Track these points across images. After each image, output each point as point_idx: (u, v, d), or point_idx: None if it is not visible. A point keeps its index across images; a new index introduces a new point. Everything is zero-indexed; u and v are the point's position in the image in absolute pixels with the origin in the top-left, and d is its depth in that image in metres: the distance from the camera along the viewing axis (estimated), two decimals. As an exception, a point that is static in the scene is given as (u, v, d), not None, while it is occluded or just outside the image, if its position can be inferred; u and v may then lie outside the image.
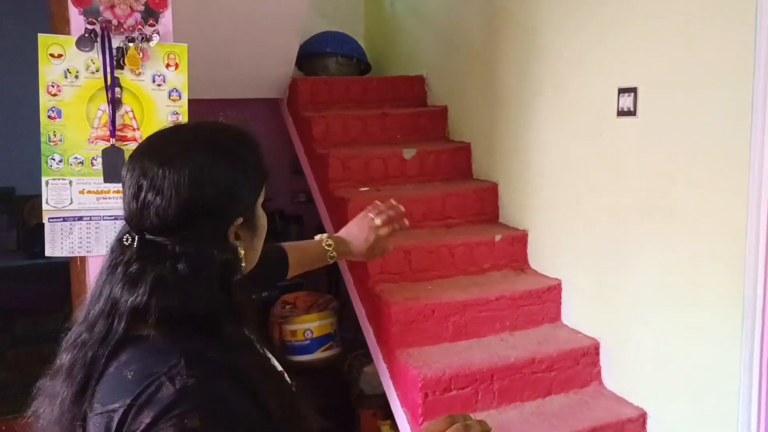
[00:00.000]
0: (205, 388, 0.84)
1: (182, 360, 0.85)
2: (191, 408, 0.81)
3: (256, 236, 1.02)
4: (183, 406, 0.81)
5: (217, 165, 0.94)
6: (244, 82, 3.87)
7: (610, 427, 2.52)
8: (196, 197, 0.91)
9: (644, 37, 2.50)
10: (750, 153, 2.09)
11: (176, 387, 0.82)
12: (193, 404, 0.81)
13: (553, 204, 3.08)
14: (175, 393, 0.82)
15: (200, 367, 0.85)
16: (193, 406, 0.81)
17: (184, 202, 0.90)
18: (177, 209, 0.90)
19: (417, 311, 2.76)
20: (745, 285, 2.14)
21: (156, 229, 0.91)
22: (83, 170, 1.87)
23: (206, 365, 0.86)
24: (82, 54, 1.85)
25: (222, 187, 0.93)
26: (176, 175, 0.90)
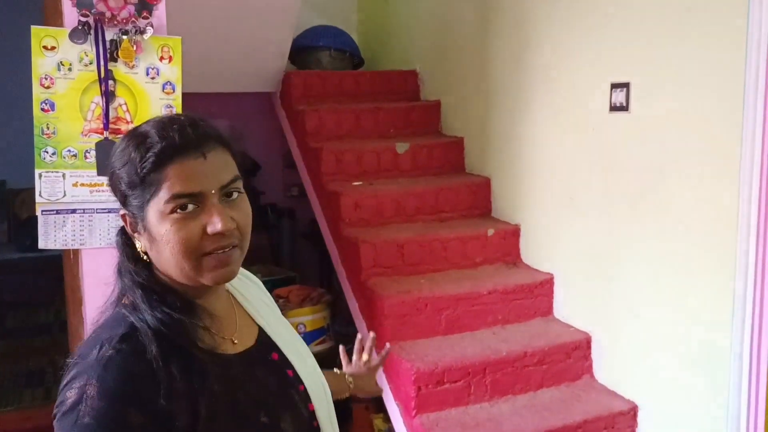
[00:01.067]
0: (118, 364, 0.87)
1: (123, 331, 0.91)
2: (96, 378, 0.86)
3: (154, 241, 0.94)
4: (91, 373, 0.86)
5: (115, 152, 0.98)
6: (237, 76, 3.86)
7: (601, 420, 2.54)
8: (107, 178, 1.00)
9: (637, 32, 2.52)
10: (741, 147, 2.11)
11: (98, 354, 0.88)
12: (98, 374, 0.86)
13: (545, 198, 3.10)
14: (94, 360, 0.88)
15: (132, 343, 0.90)
16: (98, 376, 0.86)
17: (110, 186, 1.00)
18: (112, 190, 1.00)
19: (410, 305, 2.78)
20: (735, 279, 2.17)
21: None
22: (77, 163, 1.86)
23: (138, 343, 0.90)
24: (75, 46, 1.84)
25: (111, 174, 0.98)
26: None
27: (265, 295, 1.24)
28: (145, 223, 0.94)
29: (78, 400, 0.85)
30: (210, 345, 0.96)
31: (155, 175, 0.92)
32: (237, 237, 0.96)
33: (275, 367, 1.07)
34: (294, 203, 5.15)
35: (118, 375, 0.86)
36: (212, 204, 0.93)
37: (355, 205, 3.25)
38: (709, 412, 2.29)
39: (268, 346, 1.09)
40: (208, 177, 0.94)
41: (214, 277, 0.95)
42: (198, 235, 0.93)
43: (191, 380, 0.90)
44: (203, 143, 0.94)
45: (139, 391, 0.86)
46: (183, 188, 0.91)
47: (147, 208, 0.93)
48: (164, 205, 0.92)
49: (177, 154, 0.92)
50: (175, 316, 0.93)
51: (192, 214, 0.93)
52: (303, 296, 3.73)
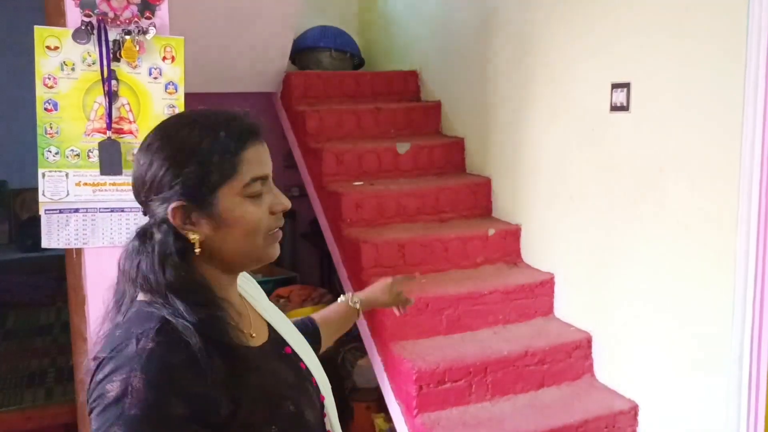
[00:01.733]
0: (161, 356, 0.88)
1: (156, 325, 0.91)
2: (140, 369, 0.86)
3: (223, 226, 0.97)
4: (134, 366, 0.86)
5: (162, 143, 0.98)
6: (238, 76, 3.87)
7: (602, 419, 2.55)
8: (144, 173, 0.97)
9: (637, 32, 2.52)
10: (741, 147, 2.12)
11: (138, 347, 0.88)
12: (143, 366, 0.86)
13: (546, 198, 3.11)
14: (134, 352, 0.88)
15: (168, 335, 0.90)
16: (141, 367, 0.86)
17: (138, 179, 0.99)
18: (135, 185, 1.00)
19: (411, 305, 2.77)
20: (735, 278, 2.17)
21: (139, 203, 1.02)
22: (80, 162, 1.87)
23: (173, 336, 0.91)
24: (78, 46, 1.85)
25: (159, 167, 0.96)
26: (140, 153, 1.00)
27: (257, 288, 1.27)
28: (211, 208, 0.97)
29: (123, 392, 0.85)
30: (239, 339, 1.00)
31: (235, 159, 0.97)
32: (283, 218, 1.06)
33: (290, 360, 1.11)
34: (295, 203, 5.08)
35: (162, 366, 0.87)
36: (272, 186, 1.04)
37: (356, 205, 3.26)
38: (710, 411, 2.30)
39: (279, 340, 1.13)
40: (269, 161, 1.03)
41: (273, 253, 1.04)
42: (265, 216, 1.01)
43: (230, 371, 0.92)
44: (261, 130, 1.03)
45: (182, 382, 0.88)
46: (258, 171, 1.00)
47: (218, 193, 0.96)
48: (243, 188, 0.98)
49: (250, 138, 1.00)
50: (213, 312, 0.96)
51: (259, 196, 1.00)
52: (304, 296, 3.74)
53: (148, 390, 0.85)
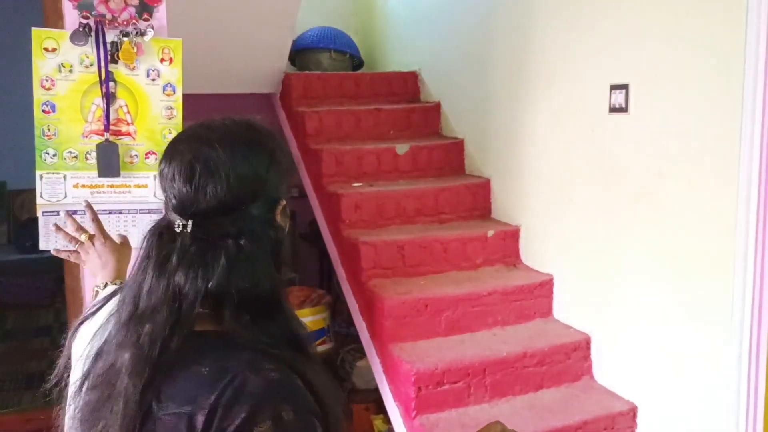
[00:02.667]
0: (289, 383, 0.83)
1: (258, 354, 0.85)
2: (283, 402, 0.80)
3: (288, 223, 1.03)
4: (275, 400, 0.80)
5: (272, 148, 0.99)
6: (237, 77, 3.87)
7: (600, 420, 2.55)
8: (248, 177, 0.93)
9: (636, 33, 2.52)
10: (740, 148, 2.12)
11: (264, 380, 0.81)
12: (283, 398, 0.81)
13: (545, 200, 3.10)
14: (264, 386, 0.81)
15: (275, 362, 0.85)
16: (284, 399, 0.80)
17: (238, 182, 0.92)
18: (234, 188, 0.92)
19: (410, 306, 2.78)
20: (734, 279, 2.17)
21: (211, 210, 0.91)
22: (77, 164, 1.86)
23: (277, 360, 0.85)
24: (76, 48, 1.84)
25: (265, 169, 0.96)
26: (230, 156, 0.92)
27: None
28: (287, 206, 1.01)
29: (277, 429, 0.79)
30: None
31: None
32: None
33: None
34: (294, 204, 5.09)
35: (298, 393, 0.83)
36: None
37: (355, 206, 3.26)
38: (709, 412, 2.30)
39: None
40: None
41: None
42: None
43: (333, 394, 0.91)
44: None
45: (312, 404, 0.84)
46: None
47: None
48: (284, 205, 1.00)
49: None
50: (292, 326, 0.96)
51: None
52: (303, 297, 3.73)
53: (299, 421, 0.80)
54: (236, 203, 0.92)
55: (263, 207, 0.96)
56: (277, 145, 1.00)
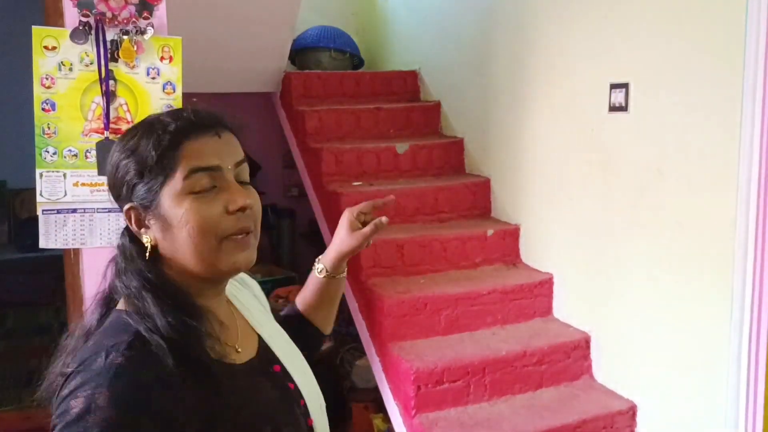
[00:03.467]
0: (129, 372, 0.83)
1: (129, 339, 0.87)
2: (106, 386, 0.81)
3: (169, 228, 0.92)
4: (100, 381, 0.82)
5: (117, 148, 0.96)
6: (237, 76, 3.87)
7: (600, 419, 2.55)
8: (107, 178, 0.97)
9: (636, 32, 2.52)
10: (739, 147, 2.12)
11: (105, 361, 0.84)
12: (109, 382, 0.81)
13: (545, 199, 3.10)
14: (101, 367, 0.83)
15: (139, 350, 0.86)
16: (107, 384, 0.81)
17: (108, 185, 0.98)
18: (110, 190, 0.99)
19: (409, 305, 2.78)
20: (733, 278, 2.17)
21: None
22: (77, 163, 1.86)
23: (145, 351, 0.86)
24: (76, 46, 1.84)
25: (115, 169, 0.95)
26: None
27: (259, 298, 1.21)
28: (158, 210, 0.92)
29: (85, 409, 0.80)
30: (219, 353, 0.93)
31: (171, 153, 0.91)
32: (252, 221, 0.95)
33: (277, 379, 1.04)
34: (294, 203, 5.16)
35: (129, 383, 0.82)
36: (230, 181, 0.94)
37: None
38: (708, 412, 2.30)
39: (268, 357, 1.06)
40: (223, 153, 0.94)
41: (234, 263, 0.94)
42: (217, 215, 0.92)
43: (203, 391, 0.87)
44: (216, 123, 0.96)
45: (150, 400, 0.82)
46: (200, 162, 0.91)
47: (161, 193, 0.91)
48: (182, 183, 0.90)
49: (192, 131, 0.93)
50: (188, 323, 0.90)
51: (210, 194, 0.92)
52: (303, 296, 3.73)
53: (111, 408, 0.80)
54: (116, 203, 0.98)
55: (121, 209, 0.97)
56: (131, 147, 0.94)
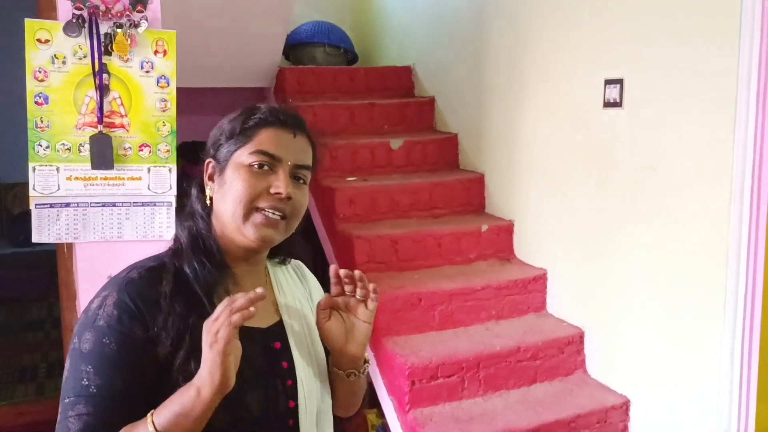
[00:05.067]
0: (136, 285, 1.03)
1: (152, 263, 1.09)
2: (117, 291, 1.03)
3: (223, 185, 1.09)
4: (114, 288, 1.04)
5: (225, 117, 1.16)
6: (231, 71, 3.85)
7: (593, 414, 2.56)
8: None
9: (631, 28, 2.52)
10: (734, 143, 2.12)
11: (126, 275, 1.06)
12: (118, 289, 1.03)
13: (539, 195, 3.11)
14: (122, 278, 1.05)
15: (155, 273, 1.06)
16: (118, 290, 1.03)
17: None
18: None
19: (404, 300, 2.78)
20: (727, 275, 2.18)
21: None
22: (71, 156, 1.85)
23: (158, 274, 1.06)
24: (69, 39, 1.83)
25: (217, 130, 1.15)
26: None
27: (312, 297, 1.28)
28: (225, 169, 1.10)
29: (99, 306, 1.02)
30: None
31: (252, 131, 1.10)
32: (289, 209, 1.09)
33: (272, 353, 1.12)
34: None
35: (133, 294, 1.02)
36: (283, 171, 1.08)
37: (349, 200, 3.26)
38: (701, 406, 2.31)
39: (277, 335, 1.14)
40: (290, 150, 1.10)
41: (256, 233, 1.07)
42: (260, 190, 1.07)
43: (188, 318, 1.02)
44: (297, 126, 1.13)
45: (143, 312, 1.01)
46: (267, 148, 1.08)
47: (232, 157, 1.09)
48: (247, 156, 1.08)
49: (275, 123, 1.11)
50: (206, 267, 1.07)
51: (264, 173, 1.08)
52: (297, 292, 3.73)
53: (115, 308, 1.01)
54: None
55: (203, 160, 1.16)
56: (226, 120, 1.15)
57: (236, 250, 1.11)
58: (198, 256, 1.08)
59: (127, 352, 0.99)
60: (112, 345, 0.98)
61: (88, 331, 1.00)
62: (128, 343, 0.99)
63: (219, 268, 1.08)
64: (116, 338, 0.99)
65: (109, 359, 0.98)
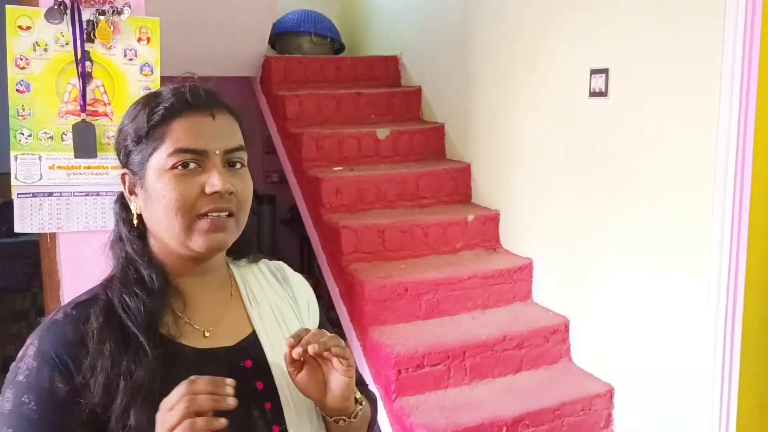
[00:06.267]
0: (58, 328, 0.90)
1: (82, 298, 0.95)
2: (37, 338, 0.90)
3: (149, 198, 0.92)
4: (37, 334, 0.91)
5: (126, 114, 0.98)
6: (216, 60, 3.82)
7: (578, 402, 2.58)
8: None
9: (616, 18, 2.53)
10: (717, 132, 2.14)
11: (50, 317, 0.93)
12: (40, 336, 0.90)
13: (525, 184, 3.12)
14: (46, 321, 0.93)
15: (82, 310, 0.92)
16: (39, 337, 0.90)
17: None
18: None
19: (390, 290, 2.79)
20: (710, 263, 2.20)
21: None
22: (53, 145, 1.83)
23: (87, 311, 0.91)
24: (51, 26, 1.81)
25: (118, 133, 0.98)
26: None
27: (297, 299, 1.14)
28: (144, 179, 0.93)
29: (21, 357, 0.89)
30: (172, 333, 0.93)
31: (162, 128, 0.91)
32: (234, 205, 0.93)
33: (242, 374, 0.92)
34: (274, 189, 5.13)
35: (54, 340, 0.89)
36: (214, 164, 0.92)
37: (335, 190, 3.25)
38: (684, 393, 2.33)
39: (246, 351, 0.98)
40: (214, 137, 0.93)
41: (205, 242, 0.91)
42: (195, 194, 0.90)
43: (122, 360, 0.87)
44: (213, 105, 0.95)
45: (66, 360, 0.87)
46: (187, 144, 0.91)
47: (148, 164, 0.92)
48: (166, 159, 0.90)
49: (186, 109, 0.92)
50: (140, 299, 0.91)
51: (192, 172, 0.91)
52: (283, 282, 3.72)
53: (35, 360, 0.87)
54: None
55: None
56: (131, 114, 0.96)
57: (183, 264, 0.96)
58: (128, 288, 0.92)
59: (50, 413, 0.85)
60: (31, 404, 0.85)
61: (8, 389, 0.87)
62: (50, 401, 0.85)
63: (158, 296, 0.92)
64: (36, 396, 0.85)
65: (29, 422, 0.85)
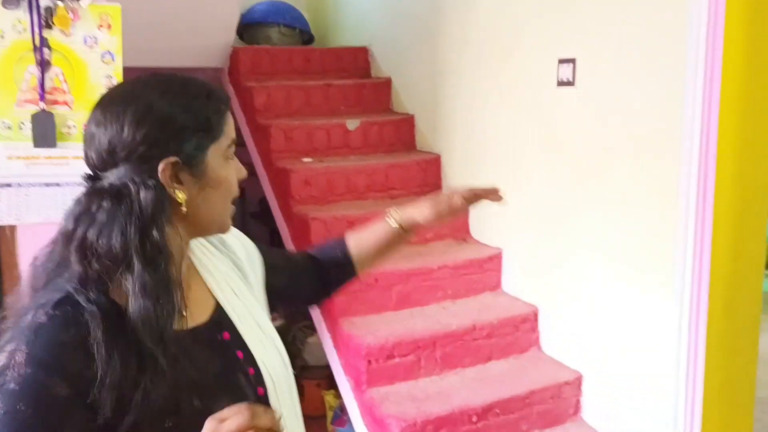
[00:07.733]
0: (49, 331, 0.83)
1: (56, 298, 0.86)
2: (25, 344, 0.82)
3: (207, 187, 0.94)
4: (22, 339, 0.83)
5: (161, 99, 0.91)
6: (182, 50, 3.76)
7: (547, 390, 2.60)
8: (132, 130, 0.88)
9: (583, 7, 2.54)
10: (681, 124, 2.16)
11: (31, 320, 0.84)
12: (28, 341, 0.82)
13: (494, 174, 3.12)
14: (27, 325, 0.84)
15: (65, 310, 0.85)
16: (27, 342, 0.82)
17: (118, 135, 0.88)
18: (113, 142, 0.88)
19: (360, 281, 2.77)
20: (674, 253, 2.22)
21: (98, 165, 0.91)
22: (11, 135, 1.79)
23: (71, 311, 0.84)
24: (7, 13, 1.76)
25: (158, 120, 0.90)
26: (120, 108, 0.90)
27: (236, 263, 1.16)
28: (199, 168, 0.93)
29: (6, 365, 0.82)
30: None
31: (221, 119, 0.97)
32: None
33: (223, 347, 1.00)
34: (243, 182, 5.08)
35: (47, 343, 0.83)
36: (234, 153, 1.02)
37: (305, 182, 3.23)
38: (650, 381, 2.36)
39: (220, 324, 1.02)
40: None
41: (230, 224, 1.05)
42: (236, 181, 1.02)
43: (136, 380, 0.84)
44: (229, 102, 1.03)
45: (66, 362, 0.82)
46: (233, 134, 1.00)
47: (208, 152, 0.94)
48: (227, 149, 0.98)
49: (227, 106, 1.00)
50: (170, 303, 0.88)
51: (232, 160, 1.01)
52: (253, 275, 3.69)
53: (27, 366, 0.81)
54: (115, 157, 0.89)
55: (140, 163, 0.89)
56: (184, 101, 0.93)
57: (183, 249, 0.97)
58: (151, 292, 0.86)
59: (50, 418, 0.81)
60: (28, 411, 0.80)
61: None
62: (50, 407, 0.81)
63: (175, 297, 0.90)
64: (33, 402, 0.81)
65: (27, 427, 0.80)
